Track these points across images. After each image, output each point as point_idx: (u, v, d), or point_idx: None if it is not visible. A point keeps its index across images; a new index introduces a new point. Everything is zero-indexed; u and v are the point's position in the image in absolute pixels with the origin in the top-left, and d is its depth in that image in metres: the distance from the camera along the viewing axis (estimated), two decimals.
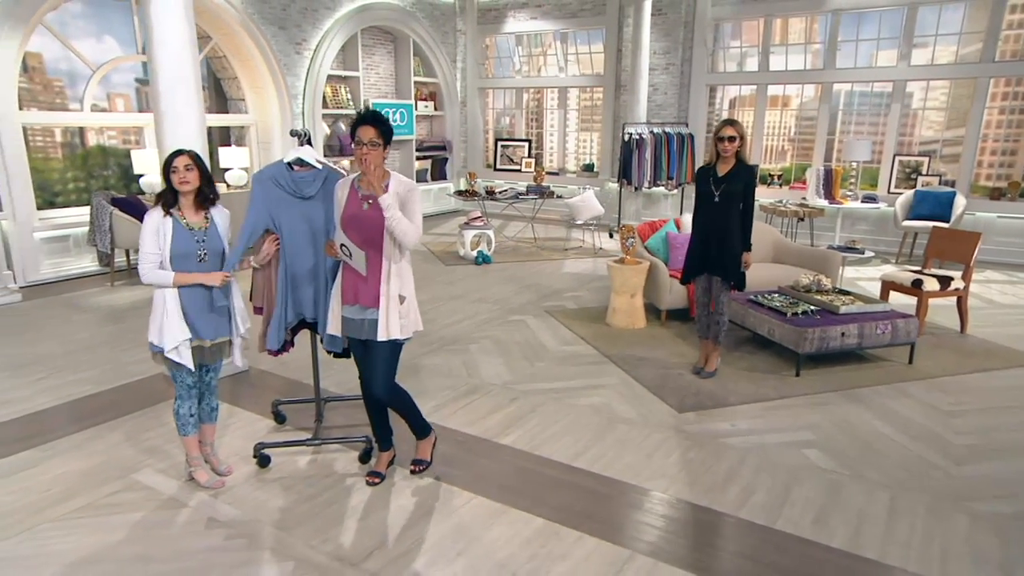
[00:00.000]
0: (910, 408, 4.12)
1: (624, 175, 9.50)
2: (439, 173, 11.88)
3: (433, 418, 3.79)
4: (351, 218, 2.91)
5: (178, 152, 2.95)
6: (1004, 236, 8.17)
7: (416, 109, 11.15)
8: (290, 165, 3.25)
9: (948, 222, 7.63)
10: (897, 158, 8.89)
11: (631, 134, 9.35)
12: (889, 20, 8.77)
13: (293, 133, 3.31)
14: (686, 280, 4.59)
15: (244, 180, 8.53)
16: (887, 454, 3.56)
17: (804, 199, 8.74)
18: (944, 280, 5.34)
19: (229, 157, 8.53)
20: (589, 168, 11.48)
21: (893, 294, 5.54)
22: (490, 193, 9.18)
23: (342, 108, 10.06)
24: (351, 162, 9.72)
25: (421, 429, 3.30)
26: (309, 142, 3.30)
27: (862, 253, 8.05)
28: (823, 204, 8.41)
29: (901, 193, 8.46)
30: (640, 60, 9.59)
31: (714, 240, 4.31)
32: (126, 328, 5.56)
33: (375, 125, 2.80)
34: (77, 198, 7.68)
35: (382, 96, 10.79)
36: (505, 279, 7.32)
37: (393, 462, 3.37)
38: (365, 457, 3.44)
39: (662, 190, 9.99)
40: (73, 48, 7.39)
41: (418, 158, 11.39)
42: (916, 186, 8.43)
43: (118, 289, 6.83)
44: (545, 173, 9.68)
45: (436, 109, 11.80)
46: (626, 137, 9.38)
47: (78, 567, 2.64)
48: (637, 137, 9.29)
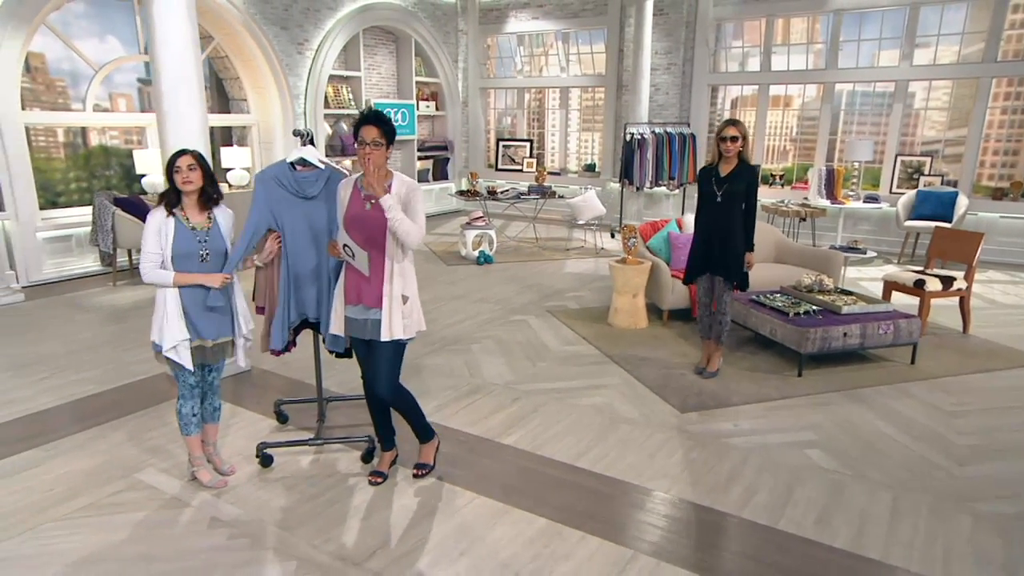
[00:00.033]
0: (912, 408, 4.12)
1: (626, 175, 9.50)
2: (441, 173, 11.89)
3: (435, 418, 3.80)
4: (354, 218, 2.91)
5: (181, 152, 2.96)
6: (1006, 236, 8.16)
7: (418, 109, 11.15)
8: (293, 165, 3.25)
9: (950, 222, 7.62)
10: (899, 158, 8.88)
11: (633, 134, 9.35)
12: (891, 20, 8.76)
13: (296, 133, 3.31)
14: (689, 280, 4.59)
15: (246, 180, 8.54)
16: (889, 454, 3.56)
17: (806, 199, 8.74)
18: (946, 280, 5.33)
19: (231, 157, 8.55)
20: (591, 168, 11.48)
21: (895, 294, 5.53)
22: (492, 193, 9.18)
23: (344, 108, 10.06)
24: (353, 162, 9.73)
25: (424, 433, 3.29)
26: (312, 142, 3.30)
27: (864, 253, 8.04)
28: (825, 204, 8.41)
29: (903, 193, 8.45)
30: (642, 60, 9.58)
31: (716, 240, 4.31)
32: (128, 328, 5.57)
33: (378, 125, 2.80)
34: (79, 198, 7.69)
35: (384, 96, 10.79)
36: (507, 279, 7.32)
37: (396, 462, 3.37)
38: (367, 457, 3.44)
39: (664, 190, 10.00)
40: (75, 48, 7.39)
41: (420, 158, 11.40)
42: (918, 186, 8.42)
43: (120, 289, 6.84)
44: (547, 173, 9.68)
45: (438, 109, 11.81)
46: (628, 137, 9.38)
47: (81, 567, 2.64)
48: (639, 137, 9.29)
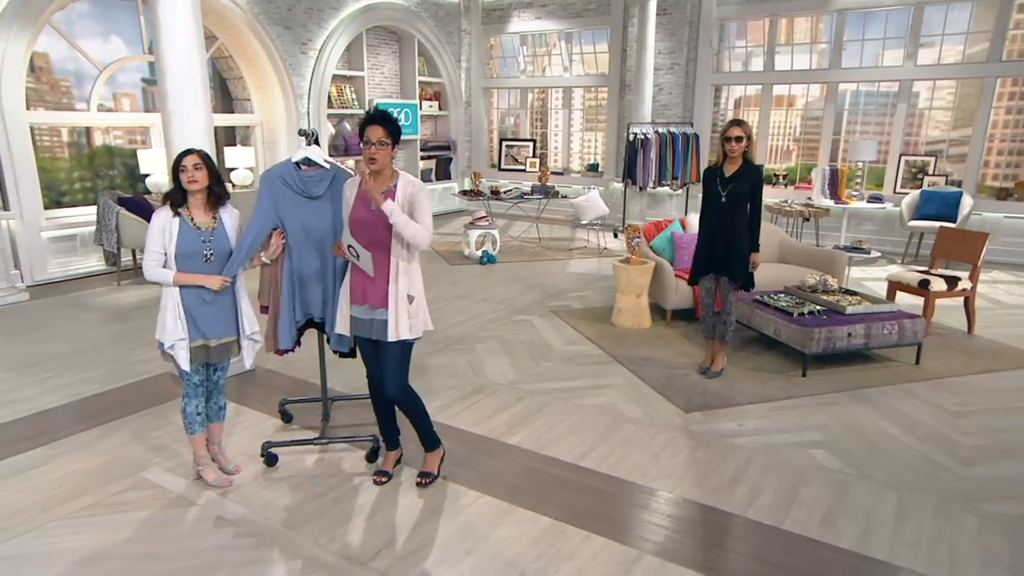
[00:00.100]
0: (917, 409, 4.11)
1: (629, 175, 9.50)
2: (443, 173, 11.89)
3: (439, 417, 3.80)
4: (359, 218, 2.90)
5: (187, 151, 2.97)
6: (1011, 236, 8.14)
7: (421, 109, 11.15)
8: (298, 164, 3.25)
9: (954, 222, 7.61)
10: (903, 158, 8.86)
11: (636, 134, 9.35)
12: (895, 20, 8.74)
13: (301, 132, 3.31)
14: (694, 281, 4.58)
15: (250, 180, 8.56)
16: (894, 455, 3.55)
17: (809, 199, 8.73)
18: (951, 280, 5.32)
19: (235, 157, 8.56)
20: (594, 168, 11.48)
21: (899, 294, 5.52)
22: (495, 193, 9.18)
23: (347, 108, 10.07)
24: (356, 161, 9.74)
25: (430, 441, 3.25)
26: (316, 141, 3.30)
27: (868, 253, 8.03)
28: (828, 204, 8.40)
29: (907, 193, 8.43)
30: (645, 60, 9.57)
31: (721, 240, 4.30)
32: (132, 327, 5.58)
33: (384, 124, 2.80)
34: (83, 198, 7.71)
35: (387, 96, 10.80)
36: (510, 279, 7.32)
37: (400, 461, 3.38)
38: (372, 456, 3.44)
39: (667, 190, 9.99)
40: (80, 48, 7.41)
41: (423, 158, 11.40)
42: (922, 186, 8.40)
43: (124, 288, 6.85)
44: (550, 173, 9.68)
45: (441, 109, 11.81)
46: (631, 137, 9.38)
47: (86, 565, 2.65)
48: (642, 137, 9.29)
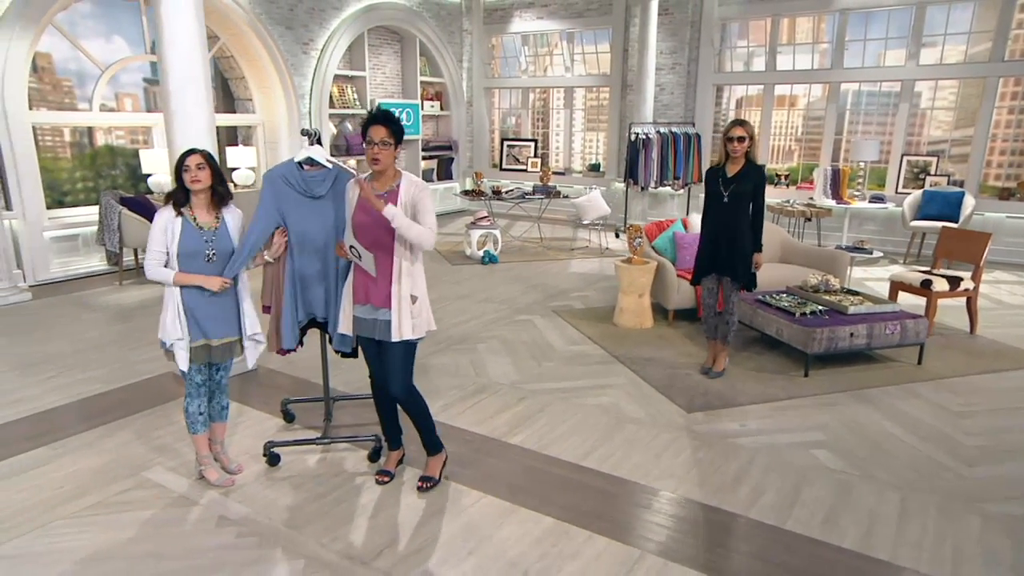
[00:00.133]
0: (919, 409, 4.11)
1: (630, 175, 9.50)
2: (445, 173, 11.89)
3: (441, 417, 3.80)
4: (361, 220, 2.89)
5: (190, 151, 2.97)
6: (1013, 236, 8.13)
7: (422, 109, 11.16)
8: (300, 164, 3.25)
9: (956, 222, 7.60)
10: (905, 158, 8.85)
11: (637, 134, 9.35)
12: (897, 19, 8.73)
13: (304, 132, 3.32)
14: (696, 282, 4.58)
15: (252, 180, 8.57)
16: (897, 455, 3.55)
17: (811, 199, 8.72)
18: (953, 280, 5.32)
19: (236, 157, 8.57)
20: (595, 168, 11.48)
21: (902, 294, 5.52)
22: (496, 193, 9.18)
23: (348, 108, 10.07)
24: (358, 161, 9.75)
25: (432, 445, 3.23)
26: (319, 141, 3.30)
27: (870, 253, 8.02)
28: (830, 204, 8.39)
29: (909, 193, 8.43)
30: (647, 60, 9.57)
31: (724, 241, 4.30)
32: (135, 327, 5.59)
33: (386, 124, 2.80)
34: (85, 197, 7.72)
35: (388, 96, 10.80)
36: (511, 279, 7.32)
37: (402, 461, 3.38)
38: (374, 456, 3.45)
39: (668, 190, 9.99)
40: (82, 48, 7.42)
41: (424, 158, 11.40)
42: (924, 186, 8.39)
43: (126, 288, 6.86)
44: (551, 173, 9.69)
45: (442, 109, 11.81)
46: (632, 137, 9.38)
47: (89, 564, 2.65)
48: (643, 137, 9.29)
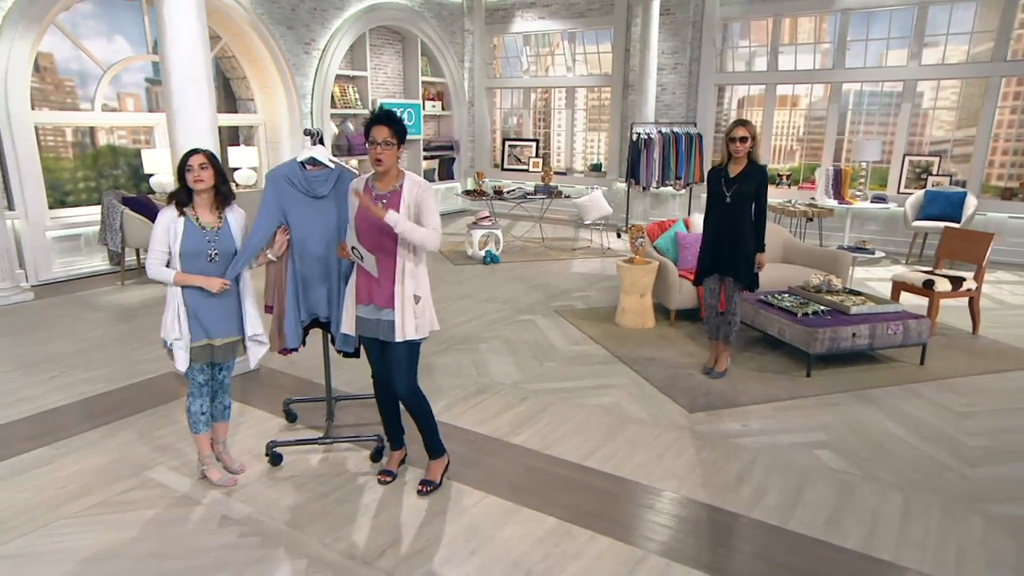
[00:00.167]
0: (922, 409, 4.10)
1: (632, 175, 9.50)
2: (447, 173, 11.89)
3: (443, 417, 3.80)
4: (365, 219, 2.88)
5: (193, 151, 2.97)
6: (1015, 236, 8.12)
7: (424, 109, 11.16)
8: (303, 164, 3.26)
9: (959, 222, 7.59)
10: (907, 158, 8.84)
11: (639, 134, 9.34)
12: (899, 19, 8.73)
13: (306, 132, 3.32)
14: (699, 282, 4.57)
15: (253, 179, 8.58)
16: (899, 455, 3.55)
17: (813, 199, 8.71)
18: (956, 281, 5.31)
19: (238, 157, 8.57)
20: (597, 168, 11.47)
21: (904, 295, 5.51)
22: (498, 193, 9.18)
23: (350, 108, 10.08)
24: (360, 161, 9.75)
25: (434, 448, 3.22)
26: (321, 141, 3.31)
27: (872, 253, 8.01)
28: (832, 204, 8.38)
29: (911, 193, 8.41)
30: (648, 60, 9.57)
31: (726, 241, 4.29)
32: (137, 327, 5.60)
33: (389, 124, 2.80)
34: (87, 197, 7.72)
35: (390, 96, 10.81)
36: (513, 279, 7.32)
37: (405, 461, 3.38)
38: (377, 456, 3.45)
39: (670, 190, 9.98)
40: (84, 48, 7.43)
41: (426, 158, 11.41)
42: (926, 186, 8.38)
43: (128, 288, 6.86)
44: (553, 173, 9.68)
45: (444, 109, 11.81)
46: (634, 137, 9.37)
47: (92, 564, 2.66)
48: (645, 137, 9.29)
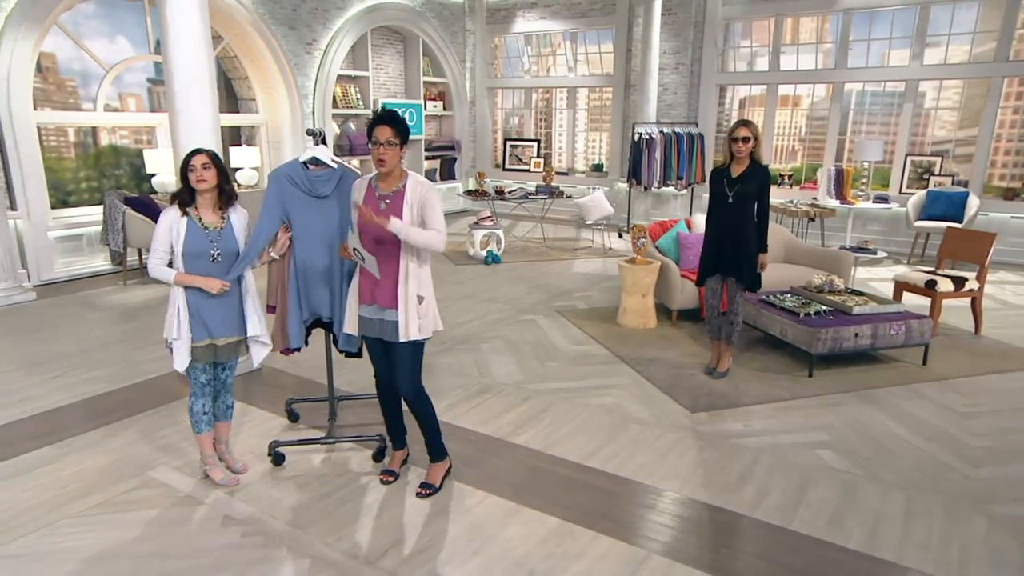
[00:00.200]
0: (924, 409, 4.10)
1: (634, 175, 9.50)
2: (448, 173, 11.90)
3: (446, 417, 3.80)
4: (368, 222, 2.85)
5: (196, 151, 2.98)
6: (1018, 236, 8.11)
7: (425, 109, 11.16)
8: (305, 164, 3.26)
9: (961, 223, 7.58)
10: (909, 158, 8.83)
11: (641, 134, 9.34)
12: (901, 19, 8.72)
13: (309, 132, 3.32)
14: (701, 282, 4.57)
15: (255, 179, 8.58)
16: (902, 455, 3.54)
17: (815, 199, 8.71)
18: (958, 281, 5.30)
19: (240, 157, 8.58)
20: (598, 168, 11.47)
21: (906, 295, 5.51)
22: (499, 193, 9.18)
23: (351, 108, 10.08)
24: (361, 161, 9.75)
25: (436, 451, 3.21)
26: (324, 141, 3.31)
27: (874, 254, 8.01)
28: (834, 204, 8.38)
29: (913, 193, 8.41)
30: (650, 60, 9.57)
31: (728, 241, 4.29)
32: (139, 327, 5.60)
33: (392, 125, 2.79)
34: (89, 197, 7.74)
35: (391, 96, 10.81)
36: (515, 279, 7.32)
37: (407, 461, 3.38)
38: (379, 456, 3.45)
39: (672, 190, 9.98)
40: (87, 48, 7.44)
41: (427, 158, 11.41)
42: (928, 186, 8.38)
43: (130, 288, 6.87)
44: (554, 173, 9.68)
45: (445, 109, 11.81)
46: (636, 137, 9.37)
47: (95, 563, 2.66)
48: (647, 137, 9.28)
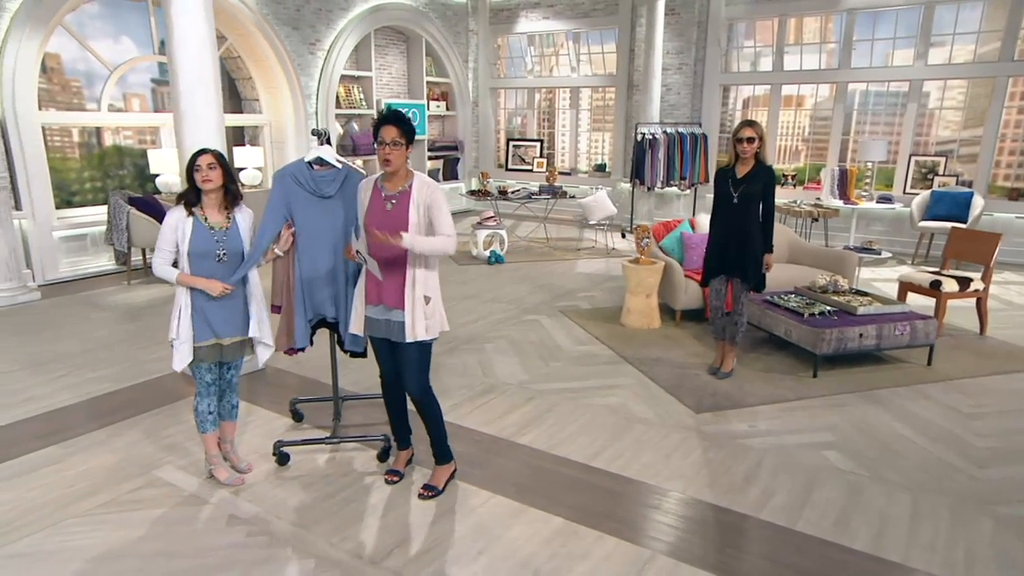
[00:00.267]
0: (929, 410, 4.09)
1: (637, 175, 9.49)
2: (451, 173, 11.90)
3: (450, 417, 3.79)
4: (375, 220, 2.86)
5: (202, 151, 2.98)
6: (1022, 237, 8.08)
7: (428, 109, 11.17)
8: (310, 164, 3.26)
9: (965, 223, 7.56)
10: (913, 158, 8.81)
11: (644, 134, 9.33)
12: (905, 19, 8.70)
13: (314, 132, 3.32)
14: (706, 283, 4.56)
15: (259, 179, 8.59)
16: (907, 456, 3.54)
17: (818, 199, 8.69)
18: (963, 281, 5.29)
19: (244, 157, 8.59)
20: (601, 168, 11.47)
21: (910, 295, 5.50)
22: (502, 193, 9.18)
23: (355, 108, 10.09)
24: (364, 161, 9.76)
25: (442, 453, 3.19)
26: (329, 141, 3.31)
27: (878, 254, 7.99)
28: (838, 204, 8.36)
29: (917, 193, 8.39)
30: (653, 60, 9.56)
31: (733, 242, 4.28)
32: (143, 326, 5.61)
33: (397, 125, 2.80)
34: (93, 197, 7.75)
35: (394, 96, 10.81)
36: (518, 279, 7.32)
37: (411, 461, 3.38)
38: (383, 456, 3.45)
39: (675, 190, 9.97)
40: (91, 49, 7.45)
41: (430, 158, 11.41)
42: (933, 186, 8.36)
43: (135, 288, 6.88)
44: (557, 173, 9.67)
45: (448, 109, 11.82)
46: (639, 137, 9.36)
47: (101, 562, 2.66)
48: (650, 137, 9.27)
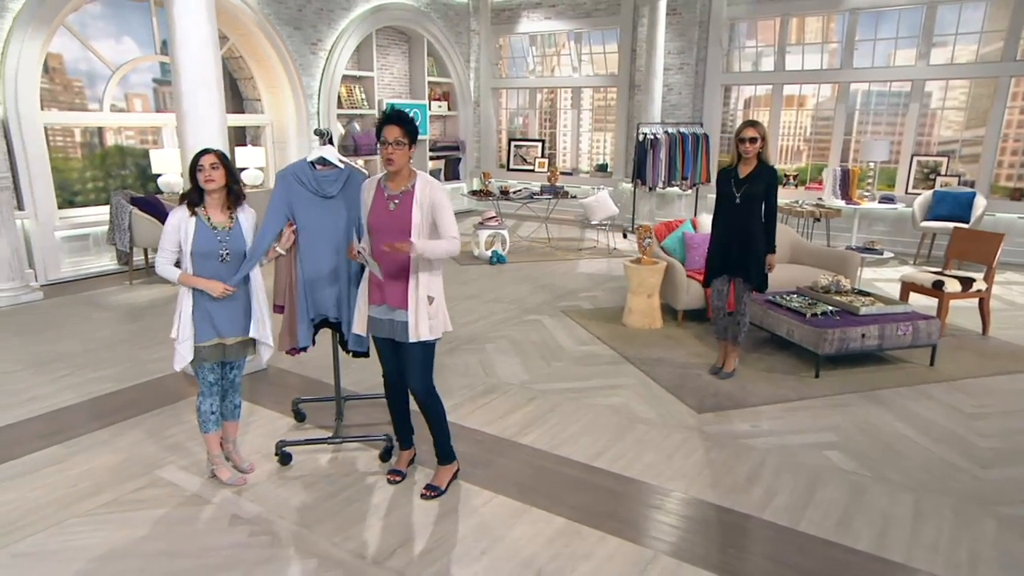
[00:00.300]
0: (932, 410, 4.08)
1: (638, 175, 9.48)
2: (452, 173, 11.90)
3: (452, 417, 3.78)
4: (378, 220, 2.86)
5: (205, 151, 2.98)
6: None
7: (430, 109, 11.17)
8: (313, 164, 3.26)
9: (967, 223, 7.55)
10: (915, 158, 8.80)
11: (645, 134, 9.33)
12: (908, 19, 8.69)
13: (317, 132, 3.33)
14: (708, 283, 4.56)
15: (260, 179, 8.60)
16: (910, 456, 3.53)
17: (820, 199, 8.69)
18: (966, 281, 5.28)
19: (245, 157, 8.60)
20: (603, 168, 11.46)
21: (913, 295, 5.49)
22: (504, 193, 9.18)
23: (356, 108, 10.09)
24: (366, 161, 9.76)
25: (445, 453, 3.19)
26: (331, 141, 3.32)
27: (880, 254, 7.98)
28: (840, 204, 8.35)
29: (919, 194, 8.38)
30: (655, 60, 9.56)
31: (736, 242, 4.27)
32: (145, 326, 5.62)
33: (400, 124, 2.79)
34: (95, 197, 7.76)
35: (396, 96, 10.81)
36: (519, 279, 7.32)
37: (414, 461, 3.38)
38: (386, 455, 3.45)
39: (676, 190, 9.96)
40: (93, 49, 7.46)
41: (432, 158, 11.40)
42: (935, 186, 8.35)
43: (137, 288, 6.89)
44: (559, 173, 9.67)
45: (450, 109, 11.82)
46: (640, 137, 9.36)
47: (104, 562, 2.67)
48: (651, 137, 9.27)
